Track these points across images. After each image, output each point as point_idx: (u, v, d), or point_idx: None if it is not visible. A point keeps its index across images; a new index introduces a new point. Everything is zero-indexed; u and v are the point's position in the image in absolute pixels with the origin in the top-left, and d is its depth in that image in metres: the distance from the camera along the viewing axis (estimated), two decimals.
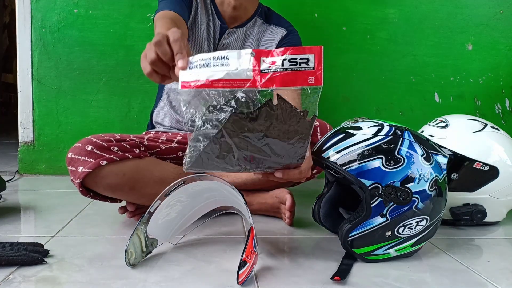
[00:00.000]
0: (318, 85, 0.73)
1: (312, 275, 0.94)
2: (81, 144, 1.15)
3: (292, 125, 0.77)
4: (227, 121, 0.74)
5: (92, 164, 1.11)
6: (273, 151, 0.81)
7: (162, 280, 0.89)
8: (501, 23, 1.93)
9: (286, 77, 0.72)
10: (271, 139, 0.78)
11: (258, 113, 0.74)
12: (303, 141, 0.81)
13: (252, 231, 0.89)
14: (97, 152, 1.14)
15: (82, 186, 1.14)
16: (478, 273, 0.99)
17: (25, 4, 1.79)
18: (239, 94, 0.74)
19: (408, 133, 1.03)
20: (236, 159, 0.82)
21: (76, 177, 1.13)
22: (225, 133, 0.76)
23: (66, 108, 1.84)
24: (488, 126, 1.33)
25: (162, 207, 1.01)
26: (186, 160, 0.81)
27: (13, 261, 0.92)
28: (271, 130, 0.77)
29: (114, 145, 1.17)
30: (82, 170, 1.11)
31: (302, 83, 0.72)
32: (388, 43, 1.91)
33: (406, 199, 0.97)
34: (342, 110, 1.92)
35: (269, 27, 1.46)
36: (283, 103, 0.74)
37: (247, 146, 0.79)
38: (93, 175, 1.12)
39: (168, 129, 1.45)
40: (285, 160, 0.85)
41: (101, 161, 1.12)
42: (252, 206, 1.31)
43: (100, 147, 1.14)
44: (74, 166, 1.13)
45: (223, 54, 0.73)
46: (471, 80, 1.96)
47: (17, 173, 1.84)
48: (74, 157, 1.14)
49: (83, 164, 1.12)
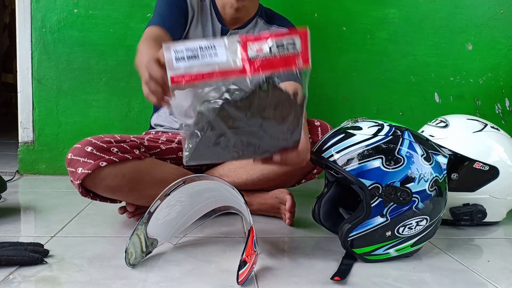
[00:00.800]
0: (306, 66, 0.74)
1: (312, 275, 0.94)
2: (81, 145, 1.15)
3: (285, 107, 0.78)
4: (220, 110, 0.74)
5: (92, 165, 1.11)
6: (268, 134, 0.82)
7: (162, 280, 0.89)
8: (501, 23, 1.93)
9: (275, 62, 0.73)
10: (265, 122, 0.79)
11: (251, 99, 0.74)
12: (296, 123, 0.82)
13: (252, 231, 0.89)
14: (97, 153, 1.13)
15: (82, 187, 1.14)
16: (478, 273, 0.99)
17: (25, 4, 1.79)
18: (232, 87, 0.75)
19: (408, 133, 1.03)
20: (232, 146, 0.82)
21: (75, 178, 1.13)
22: (220, 121, 0.76)
23: (66, 108, 1.84)
24: (488, 126, 1.33)
25: (162, 207, 1.01)
26: (185, 154, 0.82)
27: (13, 261, 0.92)
28: (264, 114, 0.77)
29: (114, 146, 1.16)
30: (82, 171, 1.11)
31: (291, 66, 0.74)
32: (388, 43, 1.91)
33: (406, 199, 0.97)
34: (342, 110, 1.92)
35: (271, 28, 1.45)
36: (273, 87, 0.75)
37: (242, 132, 0.80)
38: (93, 176, 1.12)
39: (168, 129, 1.45)
40: (281, 143, 0.86)
41: (101, 162, 1.12)
42: (252, 207, 1.31)
43: (99, 148, 1.14)
44: (73, 167, 1.13)
45: (209, 44, 0.73)
46: (471, 80, 1.96)
47: (17, 173, 1.84)
48: (73, 158, 1.14)
49: (82, 165, 1.12)
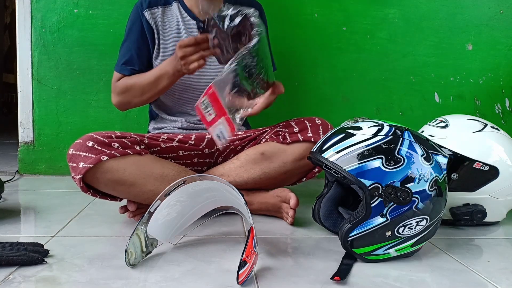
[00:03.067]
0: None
1: (312, 275, 0.94)
2: (82, 140, 1.16)
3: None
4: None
5: (93, 159, 1.12)
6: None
7: (162, 280, 0.90)
8: (501, 23, 1.93)
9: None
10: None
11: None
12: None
13: (252, 231, 0.89)
14: (98, 147, 1.14)
15: (83, 182, 1.14)
16: (478, 273, 0.99)
17: (25, 4, 1.79)
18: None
19: (408, 133, 1.03)
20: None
21: (77, 173, 1.13)
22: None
23: (66, 108, 1.84)
24: (488, 126, 1.33)
25: (162, 207, 1.01)
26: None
27: (13, 261, 0.93)
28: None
29: (115, 141, 1.18)
30: (83, 165, 1.12)
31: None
32: (388, 43, 1.91)
33: (406, 199, 0.97)
34: (342, 110, 1.92)
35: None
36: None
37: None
38: (94, 170, 1.13)
39: (169, 130, 1.45)
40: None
41: (102, 157, 1.13)
42: (253, 206, 1.31)
43: (101, 143, 1.15)
44: (75, 162, 1.14)
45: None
46: (471, 80, 1.96)
47: (17, 173, 1.85)
48: (75, 153, 1.14)
49: (84, 160, 1.13)
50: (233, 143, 1.39)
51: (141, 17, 1.38)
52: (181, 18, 1.41)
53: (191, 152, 1.36)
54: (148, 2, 1.40)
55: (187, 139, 1.35)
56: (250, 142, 1.39)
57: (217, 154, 1.40)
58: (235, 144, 1.39)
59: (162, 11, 1.40)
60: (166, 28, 1.40)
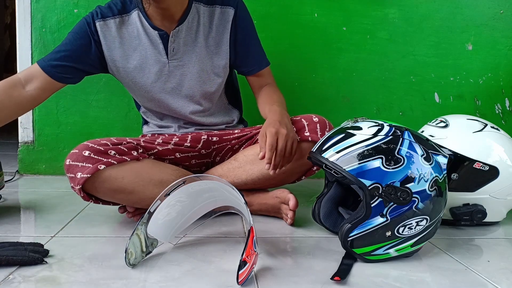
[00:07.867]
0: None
1: (312, 275, 0.94)
2: (78, 150, 1.15)
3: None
4: None
5: (91, 169, 1.11)
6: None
7: (162, 280, 0.90)
8: (501, 23, 1.93)
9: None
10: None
11: None
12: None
13: (252, 231, 0.89)
14: (95, 156, 1.13)
15: (83, 192, 1.14)
16: (478, 273, 0.99)
17: (25, 5, 1.79)
18: None
19: (408, 133, 1.03)
20: None
21: (75, 184, 1.13)
22: None
23: (66, 108, 1.84)
24: (488, 126, 1.33)
25: (162, 207, 1.01)
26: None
27: (13, 261, 0.93)
28: None
29: (111, 149, 1.16)
30: (81, 176, 1.11)
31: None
32: (388, 43, 1.91)
33: (406, 199, 0.97)
34: (342, 110, 1.92)
35: (215, 9, 1.35)
36: None
37: None
38: (92, 180, 1.12)
39: (163, 129, 1.44)
40: None
41: (99, 166, 1.12)
42: (252, 207, 1.31)
43: (97, 152, 1.14)
44: (73, 173, 1.13)
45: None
46: (471, 80, 1.96)
47: (17, 173, 1.84)
48: (72, 164, 1.14)
49: (81, 170, 1.12)
50: (230, 142, 1.39)
51: (88, 29, 1.30)
52: (141, 27, 1.32)
53: (188, 154, 1.36)
54: (100, 13, 1.31)
55: (183, 142, 1.35)
56: (247, 141, 1.39)
57: (214, 154, 1.40)
58: (232, 143, 1.39)
59: (120, 21, 1.32)
60: (125, 37, 1.33)
